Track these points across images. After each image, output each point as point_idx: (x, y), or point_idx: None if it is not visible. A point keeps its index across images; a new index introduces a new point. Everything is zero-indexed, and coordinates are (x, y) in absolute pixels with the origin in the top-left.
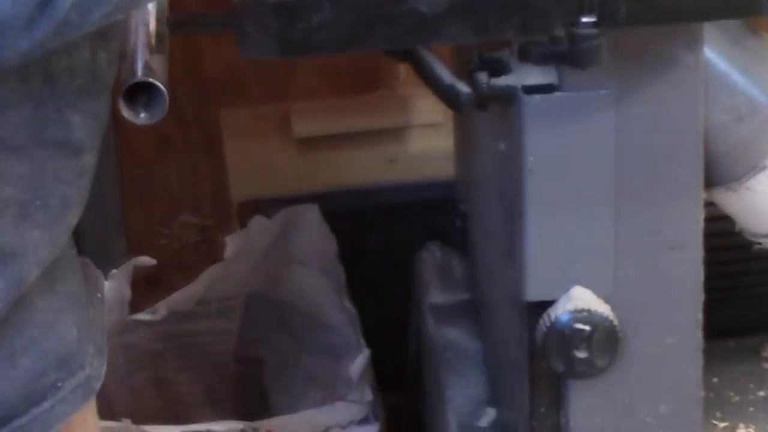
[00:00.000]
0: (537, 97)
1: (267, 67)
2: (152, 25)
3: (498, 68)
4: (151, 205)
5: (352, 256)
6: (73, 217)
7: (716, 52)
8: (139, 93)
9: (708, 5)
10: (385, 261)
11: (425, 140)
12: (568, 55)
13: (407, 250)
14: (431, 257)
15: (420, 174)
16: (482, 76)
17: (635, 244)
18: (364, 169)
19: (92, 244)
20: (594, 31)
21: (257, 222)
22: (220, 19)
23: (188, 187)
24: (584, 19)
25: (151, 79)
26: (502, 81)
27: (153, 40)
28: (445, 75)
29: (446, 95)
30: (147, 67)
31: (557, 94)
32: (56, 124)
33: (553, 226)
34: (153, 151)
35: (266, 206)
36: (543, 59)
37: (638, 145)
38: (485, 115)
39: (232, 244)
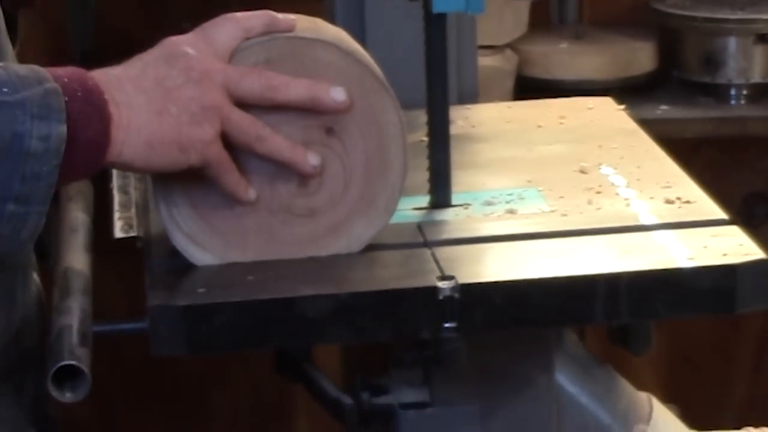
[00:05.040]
0: (412, 412)
1: None
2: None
3: (378, 389)
4: None
5: None
6: None
7: (567, 377)
8: (65, 373)
9: (547, 316)
10: None
11: None
12: (435, 357)
13: None
14: None
15: None
16: (365, 396)
17: None
18: None
19: None
20: (455, 335)
21: None
22: (140, 326)
23: None
24: (447, 325)
25: (75, 363)
26: (382, 400)
27: (84, 327)
28: (332, 390)
29: (331, 407)
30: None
31: (430, 409)
32: None
33: None
34: None
35: None
36: (413, 364)
37: None
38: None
39: None
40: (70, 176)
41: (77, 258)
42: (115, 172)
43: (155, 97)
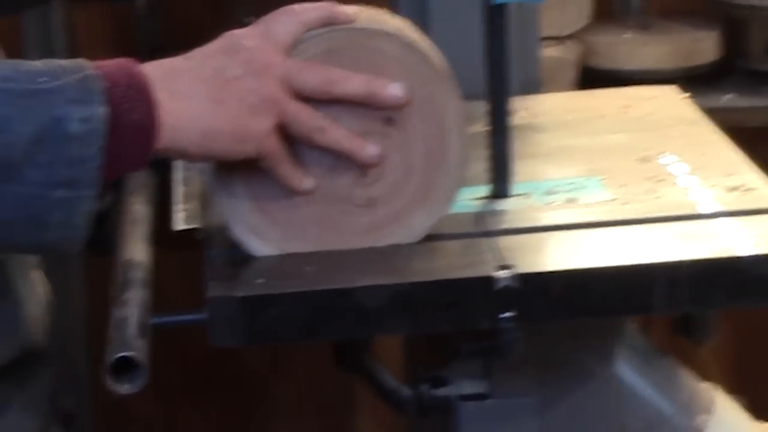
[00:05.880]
0: (471, 404)
1: None
2: (136, 312)
3: (438, 382)
4: None
5: None
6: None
7: (628, 368)
8: (122, 365)
9: (606, 305)
10: None
11: None
12: (492, 348)
13: None
14: None
15: None
16: (424, 387)
17: None
18: None
19: None
20: (513, 325)
21: None
22: (199, 318)
23: None
24: (505, 315)
25: (133, 354)
26: (442, 391)
27: (142, 319)
28: (391, 381)
29: (390, 398)
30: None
31: (489, 401)
32: None
33: None
34: None
35: None
36: (473, 356)
37: None
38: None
39: None
40: (121, 163)
41: (137, 250)
42: (177, 164)
43: (213, 88)
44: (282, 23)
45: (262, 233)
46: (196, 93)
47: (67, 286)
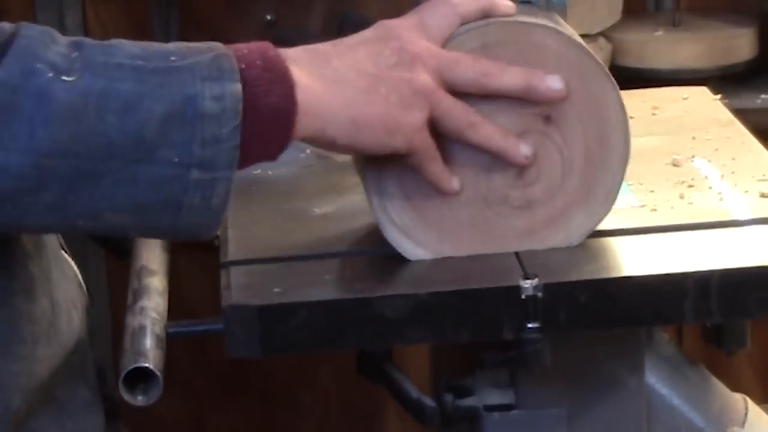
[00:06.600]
0: (496, 414)
1: None
2: (151, 321)
3: (462, 391)
4: None
5: None
6: (42, 349)
7: (658, 378)
8: (138, 375)
9: (634, 315)
10: None
11: None
12: (517, 358)
13: None
14: None
15: None
16: (448, 397)
17: None
18: None
19: None
20: (539, 335)
21: None
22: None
23: None
24: (530, 325)
25: (148, 365)
26: (466, 402)
27: (157, 328)
28: (414, 391)
29: (413, 408)
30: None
31: (515, 411)
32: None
33: None
34: None
35: None
36: (495, 364)
37: None
38: None
39: None
40: (258, 148)
41: (153, 257)
42: None
43: (364, 75)
44: (438, 14)
45: (415, 235)
46: (346, 79)
47: (89, 290)
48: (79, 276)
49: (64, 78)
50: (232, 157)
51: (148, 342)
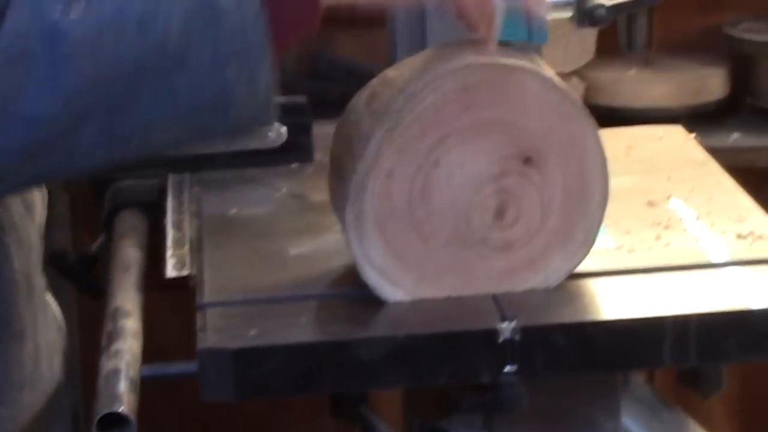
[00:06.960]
0: None
1: None
2: (126, 364)
3: None
4: None
5: None
6: (27, 395)
7: (634, 420)
8: (112, 420)
9: (612, 359)
10: None
11: None
12: (494, 402)
13: None
14: None
15: None
16: None
17: None
18: None
19: None
20: (516, 378)
21: None
22: (190, 366)
23: None
24: (507, 368)
25: (123, 410)
26: None
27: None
28: None
29: None
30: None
31: None
32: None
33: None
34: None
35: None
36: (471, 408)
37: None
38: None
39: None
40: (289, 26)
41: (128, 298)
42: (169, 206)
43: None
44: None
45: (394, 277)
46: None
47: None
48: (60, 319)
49: (73, 12)
50: (264, 44)
51: (122, 386)
